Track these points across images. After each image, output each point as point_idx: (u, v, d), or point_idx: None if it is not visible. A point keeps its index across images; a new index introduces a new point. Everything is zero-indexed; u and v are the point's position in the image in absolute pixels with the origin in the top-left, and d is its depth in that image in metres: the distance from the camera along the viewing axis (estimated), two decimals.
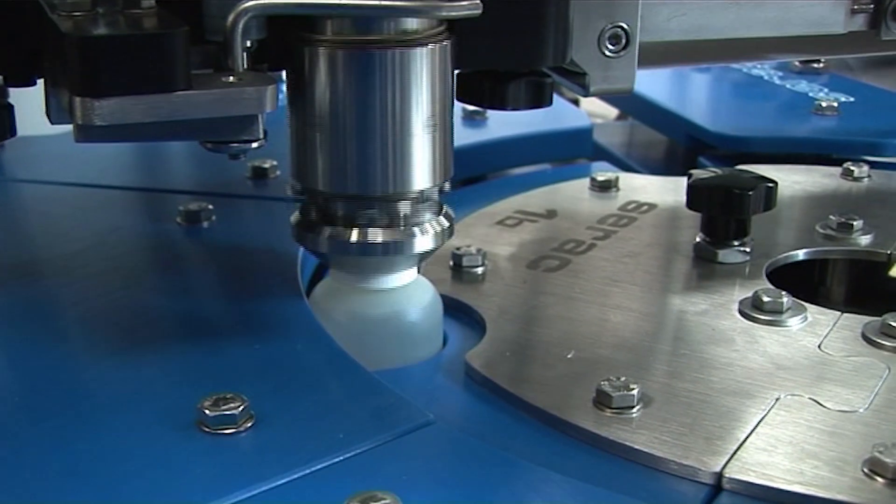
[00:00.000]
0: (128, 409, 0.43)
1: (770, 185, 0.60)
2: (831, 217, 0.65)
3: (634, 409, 0.45)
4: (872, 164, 0.77)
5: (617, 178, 0.74)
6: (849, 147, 0.81)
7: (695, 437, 0.44)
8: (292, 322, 0.51)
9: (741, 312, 0.55)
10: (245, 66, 0.42)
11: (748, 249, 0.61)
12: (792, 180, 0.74)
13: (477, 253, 0.61)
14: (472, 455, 0.40)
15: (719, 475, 0.41)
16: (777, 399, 0.46)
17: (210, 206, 0.64)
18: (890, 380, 0.48)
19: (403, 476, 0.39)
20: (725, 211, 0.61)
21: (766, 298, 0.54)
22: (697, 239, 0.62)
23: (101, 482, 0.38)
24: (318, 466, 0.39)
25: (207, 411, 0.41)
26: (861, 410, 0.46)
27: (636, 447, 0.43)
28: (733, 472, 0.41)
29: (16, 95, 0.49)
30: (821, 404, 0.46)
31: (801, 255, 0.63)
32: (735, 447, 0.43)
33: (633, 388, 0.46)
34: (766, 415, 0.45)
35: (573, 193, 0.74)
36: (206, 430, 0.41)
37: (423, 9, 0.44)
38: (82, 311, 0.52)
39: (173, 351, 0.48)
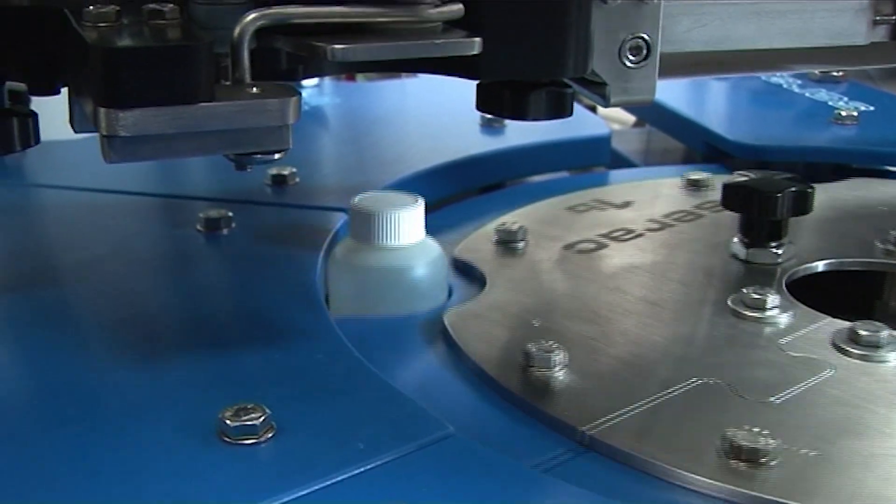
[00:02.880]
0: (148, 417, 0.43)
1: (801, 189, 0.61)
2: (892, 232, 0.65)
3: (556, 369, 0.49)
4: (892, 175, 0.77)
5: (710, 179, 0.75)
6: (868, 157, 0.81)
7: (592, 400, 0.47)
8: (313, 331, 0.51)
9: (730, 307, 0.56)
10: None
11: (779, 252, 0.62)
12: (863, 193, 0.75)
13: (518, 230, 0.65)
14: (491, 468, 0.40)
15: (584, 434, 0.44)
16: (695, 381, 0.48)
17: (230, 214, 0.65)
18: (827, 381, 0.49)
19: (423, 488, 0.39)
20: (756, 212, 0.62)
21: (755, 296, 0.55)
22: (735, 238, 0.63)
23: (120, 490, 0.38)
24: (339, 478, 0.39)
25: (228, 421, 0.41)
26: (774, 401, 0.46)
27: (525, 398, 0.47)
28: (597, 433, 0.44)
29: (38, 99, 0.49)
30: (735, 391, 0.47)
31: (820, 266, 0.63)
32: (619, 414, 0.45)
33: (558, 353, 0.49)
34: (670, 392, 0.47)
35: (661, 189, 0.75)
36: (227, 440, 0.41)
37: (414, 11, 0.44)
38: (101, 317, 0.53)
39: (194, 359, 0.48)
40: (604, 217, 0.70)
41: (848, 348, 0.51)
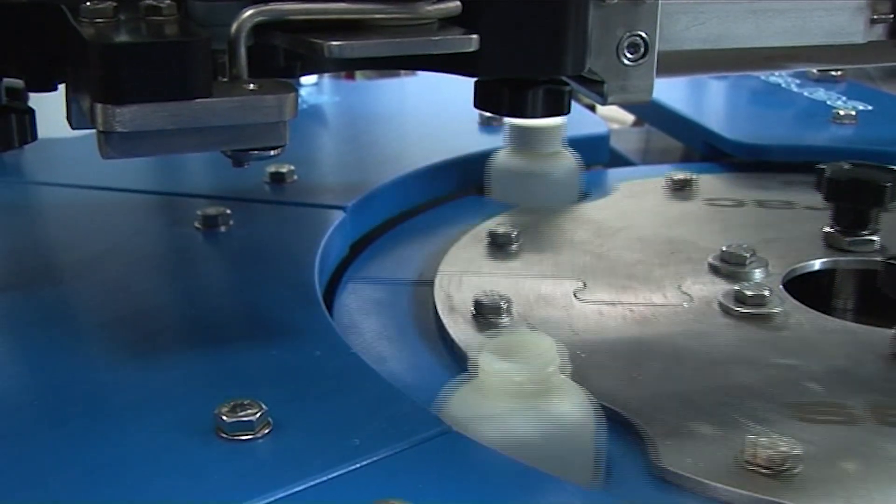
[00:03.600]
0: (145, 414, 0.43)
1: (867, 179, 0.63)
2: None
3: (512, 248, 0.64)
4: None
5: None
6: (867, 156, 0.80)
7: (473, 268, 0.61)
8: (310, 329, 0.51)
9: (711, 263, 0.61)
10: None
11: (855, 239, 0.64)
12: None
13: (686, 180, 0.75)
14: (487, 464, 0.40)
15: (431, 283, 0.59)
16: (568, 284, 0.58)
17: (228, 211, 0.65)
18: (670, 310, 0.56)
19: (419, 484, 0.39)
20: (824, 194, 0.65)
21: (732, 252, 0.61)
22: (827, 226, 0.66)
23: (117, 487, 0.38)
24: (335, 474, 0.39)
25: (225, 417, 0.41)
26: (599, 312, 0.56)
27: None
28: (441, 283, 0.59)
29: (35, 97, 0.49)
30: (580, 296, 0.57)
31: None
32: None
33: (517, 236, 0.64)
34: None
35: None
36: (224, 436, 0.41)
37: (412, 8, 0.45)
38: (100, 315, 0.53)
39: (191, 356, 0.48)
40: (787, 190, 0.74)
41: (726, 302, 0.56)
